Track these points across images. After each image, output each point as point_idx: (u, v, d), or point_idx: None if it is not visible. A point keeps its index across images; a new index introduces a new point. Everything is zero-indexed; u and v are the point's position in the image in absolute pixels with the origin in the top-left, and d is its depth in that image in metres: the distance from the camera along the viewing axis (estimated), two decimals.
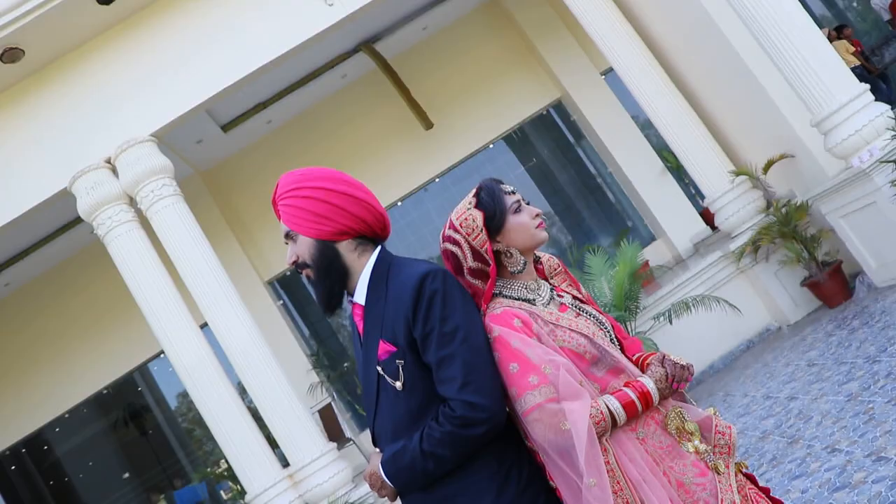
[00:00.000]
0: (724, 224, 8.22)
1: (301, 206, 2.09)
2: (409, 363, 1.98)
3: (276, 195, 2.15)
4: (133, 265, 7.83)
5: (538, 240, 2.14)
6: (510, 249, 2.12)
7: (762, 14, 6.40)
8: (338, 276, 2.11)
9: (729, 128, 8.49)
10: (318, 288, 2.13)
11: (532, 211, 2.15)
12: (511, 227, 2.12)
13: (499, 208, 2.12)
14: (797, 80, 6.48)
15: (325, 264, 2.10)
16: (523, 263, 2.13)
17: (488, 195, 2.13)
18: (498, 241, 2.12)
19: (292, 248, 2.13)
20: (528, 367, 1.92)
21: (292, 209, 2.10)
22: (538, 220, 2.15)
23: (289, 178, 2.15)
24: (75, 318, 11.61)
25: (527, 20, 11.81)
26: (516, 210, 2.14)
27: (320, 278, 2.11)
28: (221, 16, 8.32)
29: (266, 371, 7.71)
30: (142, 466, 13.11)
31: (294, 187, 2.11)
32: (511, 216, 2.12)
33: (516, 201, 2.15)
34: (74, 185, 7.98)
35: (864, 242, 6.71)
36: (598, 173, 12.69)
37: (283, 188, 2.14)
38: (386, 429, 2.05)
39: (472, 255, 2.10)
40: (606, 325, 2.16)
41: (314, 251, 2.10)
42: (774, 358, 6.87)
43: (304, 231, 2.10)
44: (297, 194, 2.10)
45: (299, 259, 2.12)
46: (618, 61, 8.48)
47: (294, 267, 2.14)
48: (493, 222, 2.11)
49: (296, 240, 2.12)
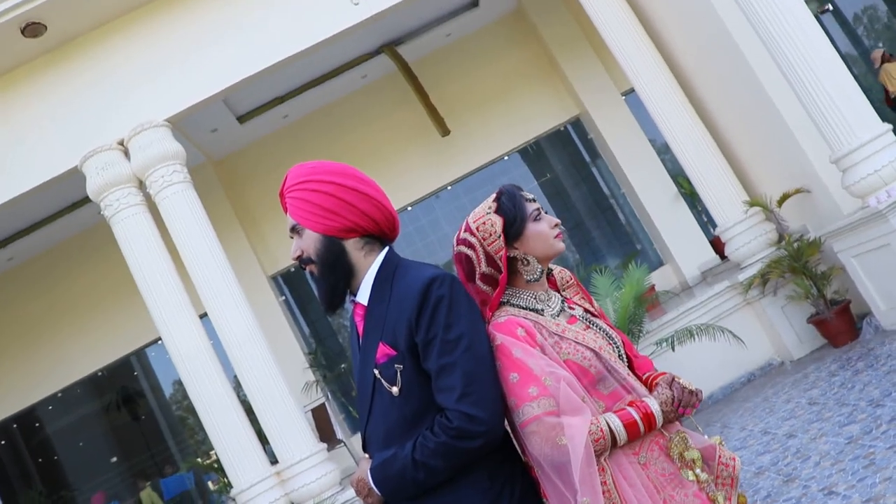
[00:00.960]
0: (735, 254, 8.14)
1: (310, 199, 2.03)
2: (408, 369, 1.91)
3: (285, 187, 2.09)
4: (137, 249, 7.79)
5: (556, 249, 2.10)
6: (527, 257, 2.07)
7: (788, 45, 6.32)
8: (342, 274, 2.05)
9: (746, 157, 8.42)
10: (321, 285, 2.06)
11: (551, 220, 2.11)
12: (530, 234, 2.07)
13: (519, 215, 2.07)
14: (819, 115, 6.39)
15: (331, 261, 2.04)
16: (540, 272, 2.08)
17: (509, 200, 2.09)
18: (515, 248, 2.07)
19: (297, 242, 2.08)
20: (528, 378, 1.86)
21: (300, 202, 2.04)
22: (557, 230, 2.11)
23: (298, 170, 2.09)
24: (77, 297, 11.60)
25: (551, 35, 11.78)
26: (536, 218, 2.09)
27: (324, 275, 2.05)
28: (245, 6, 8.30)
29: (262, 365, 7.65)
30: (131, 451, 13.06)
31: (303, 180, 2.05)
32: (531, 224, 2.08)
33: (536, 209, 2.11)
34: (85, 164, 7.95)
35: (875, 284, 6.63)
36: (611, 193, 12.64)
37: (292, 180, 2.07)
38: (378, 434, 1.99)
39: (485, 260, 2.05)
40: (616, 340, 2.09)
41: (320, 247, 2.04)
42: (775, 393, 6.79)
43: (311, 225, 2.04)
44: (306, 187, 2.04)
45: (304, 254, 2.06)
46: (639, 82, 8.43)
47: (298, 262, 2.09)
48: (513, 229, 2.07)
49: (301, 234, 2.06)
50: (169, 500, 11.99)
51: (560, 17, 11.78)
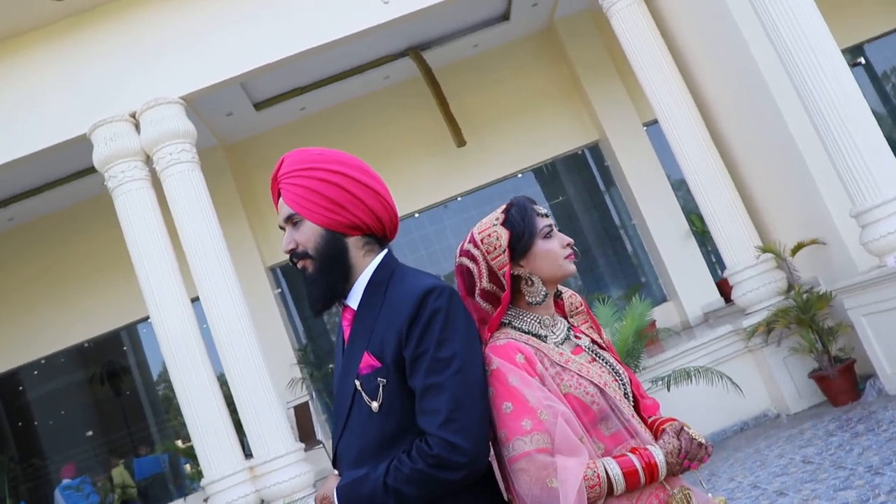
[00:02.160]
0: (741, 299, 7.97)
1: (315, 188, 1.85)
2: (392, 384, 1.74)
3: (281, 172, 1.90)
4: (136, 223, 7.67)
5: (565, 271, 1.92)
6: (532, 277, 1.90)
7: (821, 93, 6.17)
8: (341, 274, 1.86)
9: (763, 201, 8.27)
10: (316, 283, 1.86)
11: (563, 239, 1.93)
12: (538, 252, 1.90)
13: (528, 230, 1.90)
14: (844, 166, 6.24)
15: (331, 258, 1.85)
16: (543, 295, 1.90)
17: (519, 213, 1.92)
18: (521, 265, 1.90)
19: (292, 233, 1.88)
20: (523, 409, 1.68)
21: (302, 190, 1.85)
22: (568, 251, 1.92)
23: (301, 155, 1.91)
24: (73, 265, 11.45)
25: (579, 57, 11.66)
26: (547, 235, 1.91)
27: (322, 273, 1.85)
28: None
29: (248, 356, 7.50)
30: (109, 427, 12.87)
31: (308, 167, 1.87)
32: (540, 241, 1.90)
33: (548, 226, 1.93)
34: (94, 132, 7.84)
35: (884, 346, 6.45)
36: (621, 223, 12.48)
37: (293, 165, 1.89)
38: (350, 450, 1.81)
39: (487, 275, 1.88)
40: (623, 377, 1.91)
41: (321, 242, 1.85)
42: (768, 446, 6.60)
43: (313, 217, 1.85)
44: (311, 175, 1.86)
45: (299, 247, 1.86)
46: (663, 113, 8.29)
47: (290, 255, 1.89)
48: (520, 244, 1.89)
49: (299, 226, 1.87)
50: (140, 479, 11.81)
51: (590, 39, 11.66)
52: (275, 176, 1.92)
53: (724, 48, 7.81)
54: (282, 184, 1.89)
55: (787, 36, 6.25)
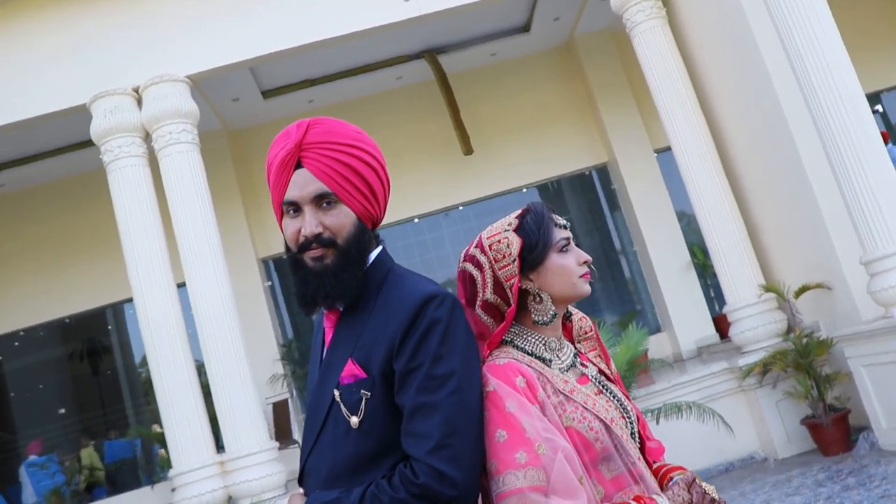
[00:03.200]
0: (739, 337, 7.79)
1: (357, 169, 1.59)
2: (376, 398, 1.52)
3: (311, 139, 1.59)
4: (128, 200, 7.51)
5: (578, 291, 1.71)
6: (542, 293, 1.69)
7: (843, 135, 6.01)
8: (363, 271, 1.61)
9: (771, 239, 8.09)
10: (336, 278, 1.56)
11: (580, 256, 1.73)
12: (551, 267, 1.69)
13: (543, 240, 1.70)
14: (859, 212, 6.07)
15: (359, 252, 1.60)
16: (552, 314, 1.70)
17: (535, 221, 1.72)
18: (530, 279, 1.70)
19: (318, 215, 1.57)
20: (518, 440, 1.48)
21: (343, 168, 1.58)
22: (584, 269, 1.72)
23: (336, 126, 1.62)
24: (63, 238, 11.22)
25: (596, 77, 11.50)
26: (563, 249, 1.71)
27: (345, 268, 1.57)
28: None
29: (229, 347, 7.32)
30: (84, 405, 12.65)
31: (350, 143, 1.60)
32: (555, 254, 1.70)
33: (566, 238, 1.73)
34: (94, 103, 7.68)
35: (882, 399, 6.26)
36: (622, 249, 12.30)
37: (329, 136, 1.59)
38: (321, 468, 1.58)
39: (492, 285, 1.68)
40: (630, 414, 1.71)
41: (354, 232, 1.59)
42: (753, 490, 6.41)
43: (351, 202, 1.59)
44: (352, 153, 1.59)
45: (325, 233, 1.57)
46: (677, 139, 8.12)
47: (311, 240, 1.56)
48: (532, 255, 1.69)
49: (330, 207, 1.57)
50: (110, 463, 11.57)
51: (609, 59, 11.51)
52: (299, 142, 1.59)
53: (747, 81, 7.64)
54: (311, 153, 1.58)
55: (814, 77, 6.09)
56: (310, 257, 1.58)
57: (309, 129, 1.60)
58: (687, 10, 8.30)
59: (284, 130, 1.65)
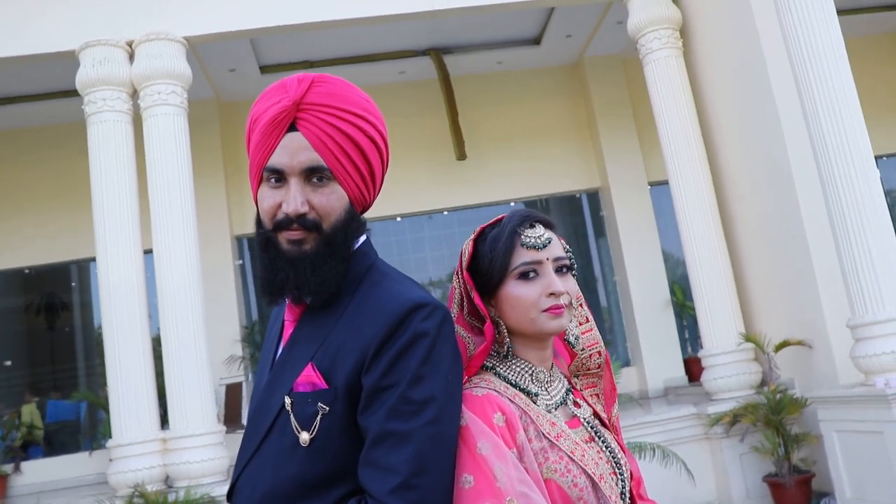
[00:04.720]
0: (711, 383, 7.62)
1: (361, 144, 1.35)
2: (335, 415, 1.26)
3: (310, 99, 1.33)
4: (105, 155, 7.23)
5: (538, 328, 1.42)
6: (500, 321, 1.44)
7: (848, 194, 5.88)
8: (344, 265, 1.35)
9: (757, 288, 7.93)
10: (314, 268, 1.31)
11: (549, 285, 1.41)
12: (505, 297, 1.42)
13: (495, 264, 1.42)
14: (853, 274, 5.93)
15: (345, 241, 1.35)
16: (506, 349, 1.44)
17: (493, 238, 1.45)
18: (492, 304, 1.45)
19: (305, 192, 1.32)
20: (486, 489, 1.23)
21: (345, 140, 1.33)
22: (551, 302, 1.41)
23: (343, 89, 1.37)
24: (32, 185, 10.80)
25: (600, 101, 11.31)
26: (522, 276, 1.42)
27: (327, 258, 1.32)
28: None
29: (189, 320, 7.06)
30: (33, 360, 12.24)
31: (359, 113, 1.35)
32: (512, 281, 1.42)
33: (534, 262, 1.42)
34: (83, 51, 7.39)
35: (850, 468, 6.10)
36: (602, 278, 12.09)
37: (333, 99, 1.34)
38: (256, 488, 1.31)
39: (458, 297, 1.47)
40: (624, 469, 1.45)
41: (344, 217, 1.34)
42: None
43: (347, 182, 1.34)
44: (361, 126, 1.35)
45: (310, 214, 1.32)
46: (676, 173, 7.95)
47: (286, 218, 1.32)
48: (483, 279, 1.43)
49: (322, 185, 1.32)
50: (50, 423, 11.20)
51: (615, 85, 11.33)
52: (298, 100, 1.32)
53: (756, 126, 7.47)
54: (309, 114, 1.32)
55: (829, 135, 5.98)
56: (286, 239, 1.32)
57: (312, 87, 1.34)
58: (704, 45, 8.13)
59: (280, 82, 1.37)
